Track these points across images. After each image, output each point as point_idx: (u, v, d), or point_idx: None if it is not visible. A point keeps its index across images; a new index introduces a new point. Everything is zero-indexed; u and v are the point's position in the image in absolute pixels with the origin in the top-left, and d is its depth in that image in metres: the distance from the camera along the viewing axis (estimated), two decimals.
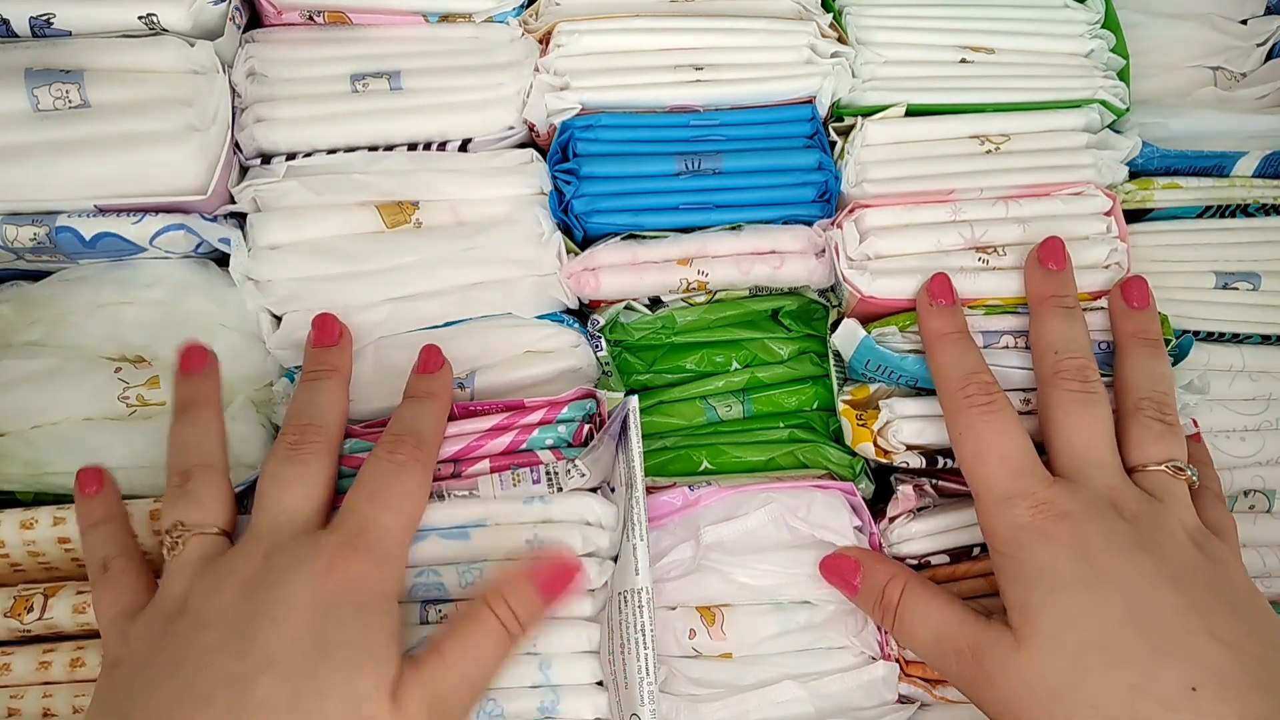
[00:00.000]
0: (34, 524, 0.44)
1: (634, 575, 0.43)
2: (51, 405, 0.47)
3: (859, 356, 0.49)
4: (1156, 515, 0.41)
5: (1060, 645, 0.39)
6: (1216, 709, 0.36)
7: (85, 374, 0.48)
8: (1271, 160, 0.55)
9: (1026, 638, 0.39)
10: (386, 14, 0.52)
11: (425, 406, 0.44)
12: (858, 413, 0.49)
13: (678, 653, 0.47)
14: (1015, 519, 0.41)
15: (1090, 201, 0.51)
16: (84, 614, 0.44)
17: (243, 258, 0.49)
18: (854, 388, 0.51)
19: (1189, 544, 0.41)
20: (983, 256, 0.50)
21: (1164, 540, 0.41)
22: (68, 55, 0.46)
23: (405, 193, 0.50)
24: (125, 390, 0.48)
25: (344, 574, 0.38)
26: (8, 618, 0.43)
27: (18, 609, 0.44)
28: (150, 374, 0.48)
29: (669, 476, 0.51)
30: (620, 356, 0.53)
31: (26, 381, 0.48)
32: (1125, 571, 0.39)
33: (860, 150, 0.52)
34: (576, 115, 0.51)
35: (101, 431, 0.48)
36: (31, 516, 0.44)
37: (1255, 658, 0.37)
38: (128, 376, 0.48)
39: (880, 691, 0.48)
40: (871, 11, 0.55)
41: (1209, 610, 0.38)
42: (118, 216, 0.47)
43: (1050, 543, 0.40)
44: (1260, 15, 0.61)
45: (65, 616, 0.44)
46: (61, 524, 0.44)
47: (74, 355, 0.49)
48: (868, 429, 0.49)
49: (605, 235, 0.51)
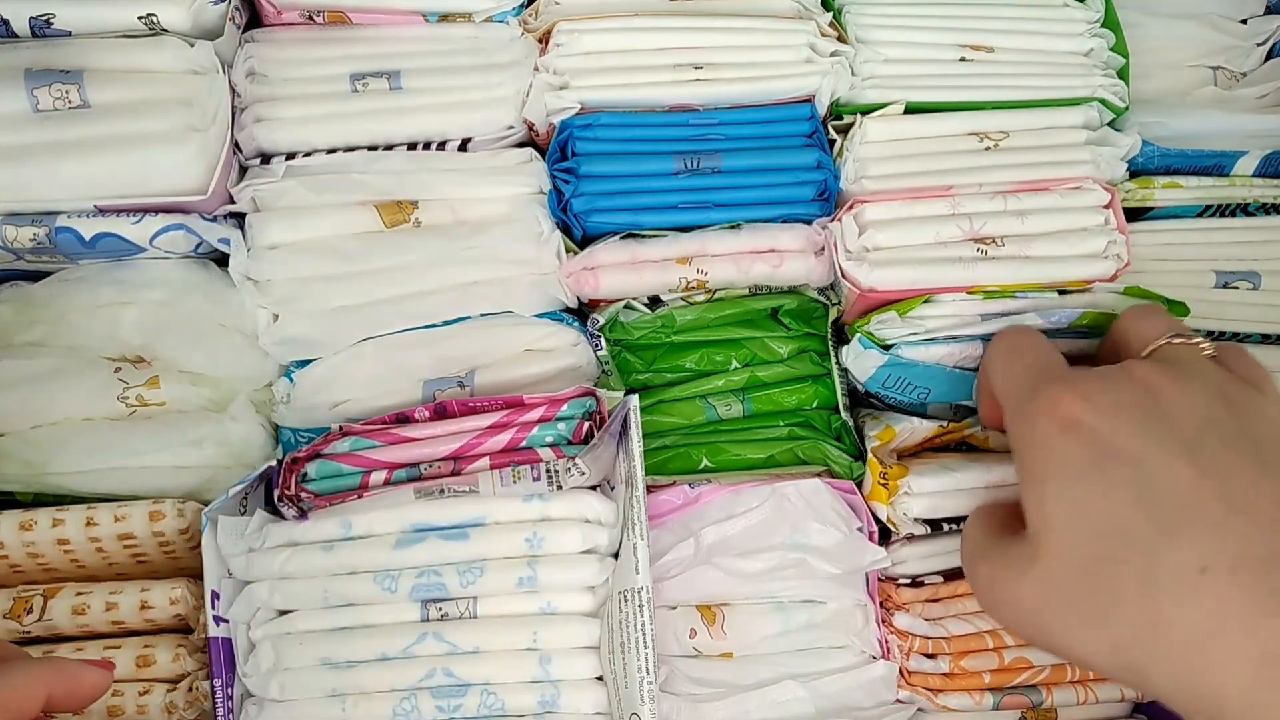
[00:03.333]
0: (33, 525, 0.44)
1: (634, 574, 0.43)
2: (51, 406, 0.48)
3: (878, 376, 0.49)
4: (1170, 378, 0.38)
5: (1073, 542, 0.36)
6: (1226, 591, 0.33)
7: (85, 374, 0.48)
8: (1271, 160, 0.55)
9: (1041, 542, 0.37)
10: (386, 14, 0.52)
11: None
12: (882, 469, 0.49)
13: (678, 652, 0.47)
14: (1034, 412, 0.39)
15: (1089, 195, 0.51)
16: (83, 615, 0.44)
17: (242, 257, 0.49)
18: (879, 430, 0.50)
19: (1210, 403, 0.37)
20: (981, 248, 0.50)
21: (1179, 404, 0.37)
22: (67, 55, 0.46)
23: (404, 192, 0.50)
24: (125, 390, 0.48)
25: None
26: (7, 619, 0.43)
27: (17, 610, 0.44)
28: (150, 374, 0.48)
29: (669, 475, 0.51)
30: (620, 355, 0.53)
31: (26, 382, 0.48)
32: (1135, 446, 0.36)
33: (859, 148, 0.52)
34: (576, 114, 0.51)
35: (101, 431, 0.48)
36: (30, 518, 0.44)
37: (1277, 523, 0.33)
38: (127, 377, 0.48)
39: (880, 691, 0.48)
40: (871, 10, 0.55)
41: (1229, 474, 0.35)
42: (117, 217, 0.47)
43: (1065, 433, 0.38)
44: (1260, 15, 0.61)
45: (64, 618, 0.44)
46: (60, 525, 0.44)
47: (74, 355, 0.49)
48: (886, 490, 0.48)
49: (604, 234, 0.51)
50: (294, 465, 0.46)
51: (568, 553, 0.43)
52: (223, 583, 0.44)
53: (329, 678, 0.43)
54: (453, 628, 0.43)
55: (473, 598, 0.43)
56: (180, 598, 0.44)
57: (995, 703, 0.48)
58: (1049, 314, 0.48)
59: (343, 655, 0.43)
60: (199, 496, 0.47)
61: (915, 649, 0.48)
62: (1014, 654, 0.48)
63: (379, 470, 0.46)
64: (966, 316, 0.49)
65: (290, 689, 0.43)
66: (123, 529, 0.44)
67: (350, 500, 0.45)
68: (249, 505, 0.46)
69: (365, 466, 0.46)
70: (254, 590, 0.44)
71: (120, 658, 0.44)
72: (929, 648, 0.49)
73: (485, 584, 0.43)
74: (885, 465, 0.49)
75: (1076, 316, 0.48)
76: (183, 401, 0.49)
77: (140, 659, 0.44)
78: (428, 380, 0.49)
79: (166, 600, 0.44)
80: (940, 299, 0.49)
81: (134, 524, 0.44)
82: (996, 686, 0.48)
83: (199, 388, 0.49)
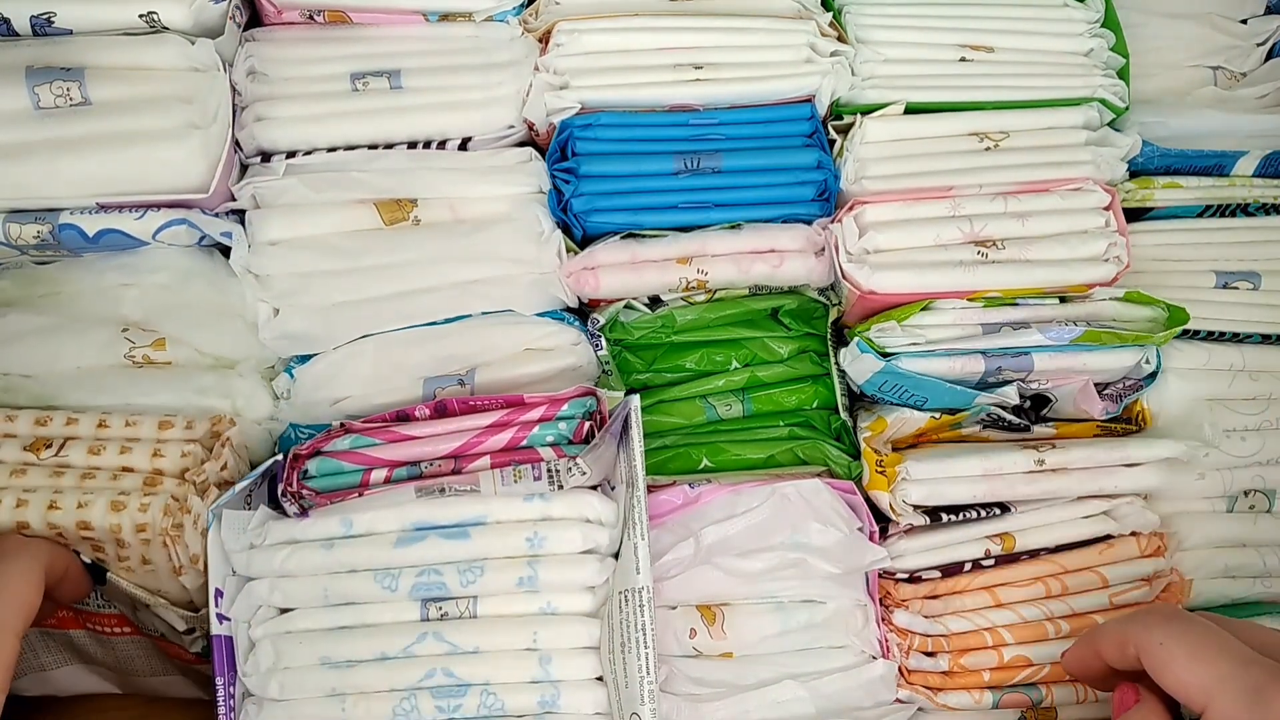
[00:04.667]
0: (48, 421, 0.44)
1: (635, 574, 0.43)
2: (58, 357, 0.47)
3: (874, 381, 0.49)
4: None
5: None
6: None
7: (91, 331, 0.48)
8: (1271, 160, 0.55)
9: None
10: (386, 13, 0.52)
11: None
12: (878, 458, 0.49)
13: (678, 652, 0.47)
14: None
15: (1089, 196, 0.51)
16: (98, 455, 0.44)
17: (243, 252, 0.49)
18: (871, 421, 0.51)
19: None
20: (982, 250, 0.50)
21: None
22: (69, 53, 0.46)
23: (403, 190, 0.50)
24: (131, 350, 0.48)
25: None
26: (26, 451, 0.44)
27: (37, 446, 0.44)
28: (156, 336, 0.48)
29: (669, 475, 0.51)
30: (620, 355, 0.53)
31: (34, 333, 0.48)
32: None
33: (859, 148, 0.52)
34: (576, 114, 0.51)
35: (108, 375, 0.47)
36: (46, 414, 0.45)
37: None
38: (134, 337, 0.48)
39: (879, 691, 0.48)
40: (871, 10, 0.55)
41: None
42: (120, 212, 0.47)
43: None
44: (1260, 15, 0.61)
45: (79, 456, 0.44)
46: (74, 424, 0.44)
47: (79, 318, 0.49)
48: (885, 478, 0.49)
49: (604, 234, 0.51)
50: (296, 461, 0.46)
51: (568, 552, 0.43)
52: (226, 580, 0.44)
53: (329, 677, 0.43)
54: (453, 627, 0.43)
55: (473, 597, 0.43)
56: (191, 451, 0.44)
57: (995, 701, 0.49)
58: (1048, 329, 0.48)
59: (342, 654, 0.43)
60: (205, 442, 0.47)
61: (915, 647, 0.49)
62: (1013, 652, 0.49)
63: (379, 468, 0.46)
64: (967, 325, 0.49)
65: (290, 688, 0.43)
66: (132, 433, 0.45)
67: (351, 498, 0.45)
68: (254, 502, 0.46)
69: (366, 464, 0.46)
70: (254, 588, 0.44)
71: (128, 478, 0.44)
72: (928, 645, 0.49)
73: (485, 583, 0.43)
74: (880, 454, 0.49)
75: (1079, 334, 0.48)
76: (188, 362, 0.49)
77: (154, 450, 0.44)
78: (428, 378, 0.49)
79: (179, 453, 0.44)
80: (940, 306, 0.49)
81: (143, 429, 0.45)
82: (996, 685, 0.49)
83: (204, 357, 0.49)
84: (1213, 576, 0.51)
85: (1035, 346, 0.48)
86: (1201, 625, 0.40)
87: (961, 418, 0.51)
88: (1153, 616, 0.41)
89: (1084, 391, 0.49)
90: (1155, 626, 0.40)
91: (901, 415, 0.50)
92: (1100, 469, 0.50)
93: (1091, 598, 0.49)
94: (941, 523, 0.49)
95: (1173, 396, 0.52)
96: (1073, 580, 0.50)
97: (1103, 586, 0.50)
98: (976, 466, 0.49)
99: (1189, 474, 0.51)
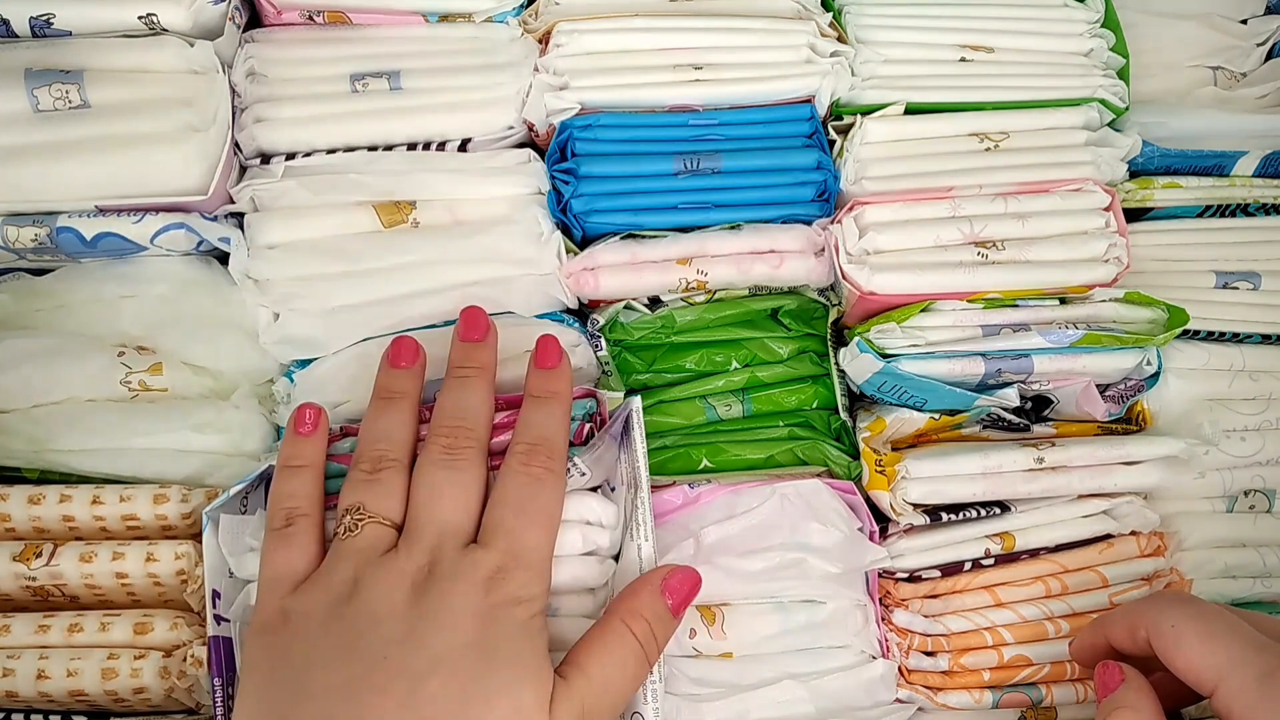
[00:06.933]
0: (41, 500, 0.45)
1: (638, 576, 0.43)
2: (54, 385, 0.47)
3: (873, 382, 0.49)
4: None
5: None
6: None
7: (88, 356, 0.48)
8: (1271, 160, 0.55)
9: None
10: (386, 14, 0.52)
11: (553, 410, 0.44)
12: (877, 458, 0.49)
13: (678, 652, 0.47)
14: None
15: (1089, 197, 0.51)
16: (90, 564, 0.44)
17: (242, 256, 0.49)
18: (870, 421, 0.51)
19: None
20: (982, 251, 0.50)
21: None
22: (68, 55, 0.46)
23: (402, 192, 0.50)
24: (128, 375, 0.48)
25: (502, 592, 0.39)
26: (16, 561, 0.44)
27: (27, 554, 0.44)
28: (153, 360, 0.48)
29: (669, 475, 0.51)
30: (620, 356, 0.53)
31: (29, 361, 0.47)
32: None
33: (859, 148, 0.52)
34: (575, 115, 0.51)
35: (104, 412, 0.48)
36: (39, 493, 0.45)
37: None
38: (130, 362, 0.48)
39: (879, 691, 0.48)
40: (871, 10, 0.55)
41: None
42: (118, 216, 0.47)
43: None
44: (1260, 15, 0.61)
45: (71, 565, 0.44)
46: (68, 502, 0.45)
47: (76, 338, 0.49)
48: (885, 477, 0.49)
49: (604, 235, 0.51)
50: None
51: (568, 554, 0.43)
52: (224, 582, 0.44)
53: None
54: None
55: None
56: (185, 553, 0.45)
57: (995, 701, 0.49)
58: (1048, 332, 0.48)
59: None
60: (199, 482, 0.47)
61: (914, 646, 0.49)
62: (1013, 651, 0.49)
63: None
64: (967, 327, 0.49)
65: None
66: (127, 509, 0.45)
67: None
68: (250, 504, 0.46)
69: None
70: (252, 590, 0.44)
71: (118, 625, 0.44)
72: (928, 645, 0.49)
73: None
74: (880, 454, 0.49)
75: (1079, 337, 0.48)
76: (185, 388, 0.49)
77: (138, 626, 0.44)
78: (429, 381, 0.49)
79: (172, 555, 0.44)
80: (940, 307, 0.49)
81: (138, 505, 0.45)
82: (996, 684, 0.49)
83: (201, 377, 0.49)
84: (1213, 576, 0.51)
85: (1035, 349, 0.48)
86: (1213, 609, 0.40)
87: (962, 419, 0.51)
88: (1164, 599, 0.42)
89: (1086, 393, 0.49)
90: (1167, 609, 0.41)
91: (901, 416, 0.50)
92: (1100, 467, 0.50)
93: (1091, 597, 0.50)
94: (941, 522, 0.49)
95: (1173, 397, 0.52)
96: (1073, 580, 0.50)
97: (1103, 586, 0.50)
98: (976, 465, 0.49)
99: (1189, 473, 0.51)
